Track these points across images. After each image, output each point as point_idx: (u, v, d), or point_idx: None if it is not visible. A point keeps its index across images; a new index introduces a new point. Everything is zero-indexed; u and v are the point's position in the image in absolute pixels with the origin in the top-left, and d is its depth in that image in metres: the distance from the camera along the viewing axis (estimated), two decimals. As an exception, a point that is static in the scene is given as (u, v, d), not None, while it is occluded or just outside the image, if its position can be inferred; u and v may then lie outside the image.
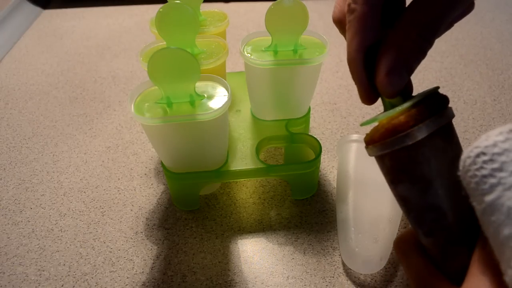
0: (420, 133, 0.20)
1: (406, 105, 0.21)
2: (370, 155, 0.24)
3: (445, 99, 0.22)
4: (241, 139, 0.41)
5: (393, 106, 0.23)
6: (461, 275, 0.20)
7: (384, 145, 0.22)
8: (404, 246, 0.24)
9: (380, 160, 0.23)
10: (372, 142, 0.23)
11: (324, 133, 0.48)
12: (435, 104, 0.21)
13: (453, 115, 0.22)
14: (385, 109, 0.24)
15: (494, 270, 0.18)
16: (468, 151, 0.18)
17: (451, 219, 0.21)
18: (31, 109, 0.54)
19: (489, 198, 0.17)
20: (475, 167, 0.17)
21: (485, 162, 0.17)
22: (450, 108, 0.22)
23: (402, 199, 0.23)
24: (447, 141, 0.21)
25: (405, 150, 0.21)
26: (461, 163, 0.19)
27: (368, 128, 0.48)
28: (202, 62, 0.37)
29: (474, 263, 0.19)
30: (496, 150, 0.17)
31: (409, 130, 0.20)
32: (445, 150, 0.21)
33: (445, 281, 0.21)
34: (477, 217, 0.18)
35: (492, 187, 0.17)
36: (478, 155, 0.17)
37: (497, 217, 0.16)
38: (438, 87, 0.23)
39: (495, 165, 0.17)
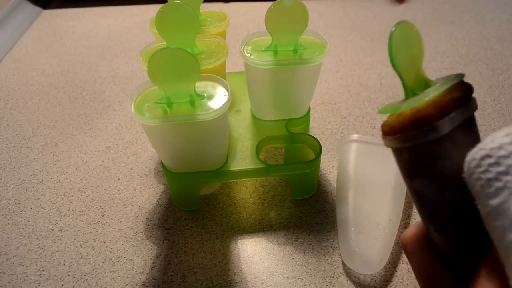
0: (445, 127, 0.19)
1: (432, 95, 0.20)
2: (387, 146, 0.22)
3: (470, 89, 0.21)
4: (241, 139, 0.41)
5: (414, 93, 0.21)
6: (469, 274, 0.20)
7: (406, 138, 0.20)
8: (411, 242, 0.24)
9: (398, 152, 0.22)
10: (392, 133, 0.21)
11: (324, 133, 0.48)
12: (461, 94, 0.20)
13: (476, 107, 0.21)
14: (406, 96, 0.22)
15: (500, 274, 0.17)
16: (473, 153, 0.17)
17: (467, 218, 0.20)
18: (31, 109, 0.54)
19: (494, 202, 0.16)
20: (480, 169, 0.17)
21: (490, 165, 0.17)
22: (474, 98, 0.21)
23: (417, 194, 0.22)
24: (469, 135, 0.20)
25: (427, 144, 0.20)
26: (465, 165, 0.18)
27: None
28: (202, 62, 0.37)
29: (482, 265, 0.19)
30: (502, 152, 0.17)
31: (434, 124, 0.19)
32: (467, 144, 0.20)
33: (452, 279, 0.21)
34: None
35: (498, 191, 0.16)
36: (483, 158, 0.17)
37: (502, 222, 0.16)
38: (463, 75, 0.21)
39: (501, 168, 0.16)
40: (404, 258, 0.35)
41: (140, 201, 0.41)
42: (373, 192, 0.37)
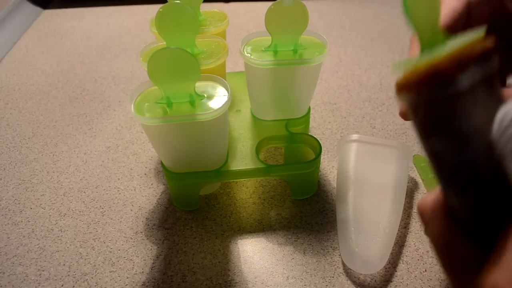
0: (464, 82, 0.18)
1: (449, 47, 0.19)
2: (401, 103, 0.21)
3: (492, 45, 0.20)
4: (241, 139, 0.41)
5: (432, 47, 0.20)
6: (489, 242, 0.19)
7: (421, 92, 0.19)
8: (427, 210, 0.23)
9: (413, 109, 0.21)
10: (407, 88, 0.20)
11: (324, 133, 0.48)
12: (482, 50, 0.19)
13: (499, 66, 0.20)
14: (423, 50, 0.21)
15: None
16: (504, 112, 0.16)
17: (486, 180, 0.19)
18: (31, 109, 0.54)
19: None
20: None
21: None
22: (497, 57, 0.20)
23: (434, 155, 0.21)
24: (491, 95, 0.19)
25: (444, 99, 0.19)
26: (495, 125, 0.17)
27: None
28: (202, 62, 0.37)
29: (508, 231, 0.18)
30: None
31: (452, 78, 0.18)
32: (488, 104, 0.19)
33: (471, 245, 0.20)
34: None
35: None
36: None
37: None
38: (485, 30, 0.20)
39: None
40: (404, 258, 0.35)
41: (140, 201, 0.41)
42: (373, 192, 0.37)
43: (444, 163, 0.20)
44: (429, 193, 0.23)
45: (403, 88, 0.20)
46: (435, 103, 0.19)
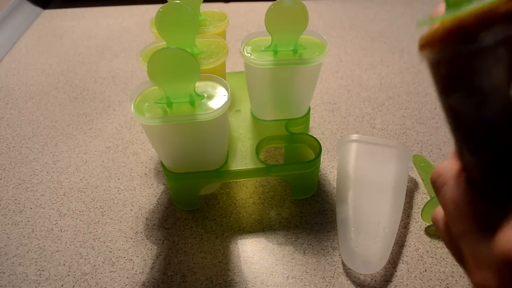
0: (488, 39, 0.18)
1: (475, 5, 0.19)
2: (423, 60, 0.21)
3: None
4: (241, 139, 0.41)
5: (457, 8, 0.20)
6: (502, 204, 0.19)
7: (445, 48, 0.19)
8: (441, 175, 0.23)
9: (435, 66, 0.21)
10: (430, 44, 0.20)
11: (324, 133, 0.48)
12: (507, 11, 0.19)
13: None
14: (448, 10, 0.21)
15: None
16: None
17: (503, 140, 0.20)
18: (31, 109, 0.54)
19: None
20: None
21: None
22: None
23: (452, 112, 0.21)
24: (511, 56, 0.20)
25: (467, 56, 0.19)
26: None
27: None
28: (202, 62, 0.37)
29: None
30: None
31: (476, 34, 0.18)
32: (508, 64, 0.19)
33: (484, 207, 0.20)
34: None
35: None
36: None
37: None
38: None
39: None
40: (404, 258, 0.35)
41: (140, 201, 0.41)
42: (373, 192, 0.37)
43: (462, 121, 0.21)
44: (442, 161, 0.23)
45: (426, 44, 0.20)
46: (457, 59, 0.19)
